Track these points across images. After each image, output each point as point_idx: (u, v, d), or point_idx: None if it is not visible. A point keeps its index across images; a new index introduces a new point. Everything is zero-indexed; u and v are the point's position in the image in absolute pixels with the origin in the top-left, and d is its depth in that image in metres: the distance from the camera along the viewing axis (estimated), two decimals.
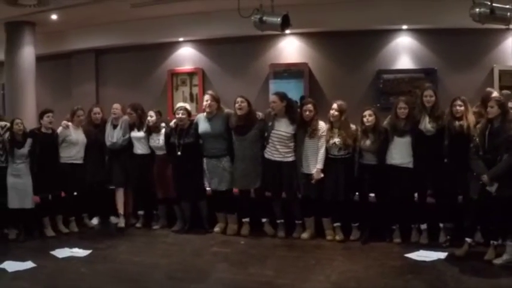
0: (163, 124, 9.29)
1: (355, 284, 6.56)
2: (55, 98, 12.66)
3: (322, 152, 8.30)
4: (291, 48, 11.06)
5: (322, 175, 8.27)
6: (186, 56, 11.91)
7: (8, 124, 9.00)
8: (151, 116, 9.21)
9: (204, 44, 11.70)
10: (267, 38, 10.89)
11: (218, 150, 8.84)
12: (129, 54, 12.48)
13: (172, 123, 9.16)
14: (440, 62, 10.27)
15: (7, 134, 8.90)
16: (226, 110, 8.94)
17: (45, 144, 9.12)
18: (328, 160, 8.32)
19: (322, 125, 8.39)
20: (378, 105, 9.55)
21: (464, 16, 8.24)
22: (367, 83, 10.56)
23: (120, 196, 9.79)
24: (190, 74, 11.78)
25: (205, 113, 8.99)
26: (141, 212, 9.78)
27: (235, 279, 6.88)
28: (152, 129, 9.24)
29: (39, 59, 12.05)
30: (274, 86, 10.65)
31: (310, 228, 8.61)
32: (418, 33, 10.40)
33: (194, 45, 11.82)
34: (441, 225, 8.11)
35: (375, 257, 7.56)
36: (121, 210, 9.78)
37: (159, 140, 9.18)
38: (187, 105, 9.33)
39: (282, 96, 8.60)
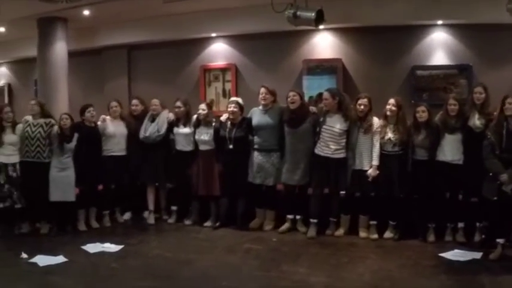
0: (214, 118, 9.32)
1: (389, 283, 6.50)
2: (87, 94, 12.71)
3: (377, 149, 8.30)
4: (324, 44, 10.94)
5: (378, 172, 8.24)
6: (219, 51, 11.85)
7: (52, 120, 9.15)
8: (204, 110, 9.23)
9: (237, 40, 11.63)
10: (300, 34, 10.79)
11: (270, 144, 8.87)
12: (161, 50, 12.45)
13: (223, 117, 9.18)
14: (475, 58, 10.09)
15: (55, 129, 9.05)
16: (281, 105, 8.93)
17: (89, 138, 9.29)
18: (382, 156, 8.29)
19: (376, 121, 8.38)
20: (413, 101, 9.42)
21: (501, 11, 8.12)
22: (401, 79, 10.40)
23: (150, 192, 9.88)
24: (223, 70, 11.72)
25: (260, 106, 9.02)
26: (174, 208, 9.80)
27: (267, 276, 6.87)
28: (203, 123, 9.23)
29: (71, 55, 12.08)
30: (308, 81, 10.60)
31: (344, 225, 8.58)
32: (453, 28, 10.23)
33: (227, 41, 11.75)
34: (477, 224, 8.02)
35: (408, 255, 7.50)
36: (151, 207, 9.87)
37: (207, 133, 9.19)
38: (240, 100, 9.33)
39: (334, 93, 8.58)
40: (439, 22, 10.14)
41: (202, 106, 9.30)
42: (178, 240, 8.74)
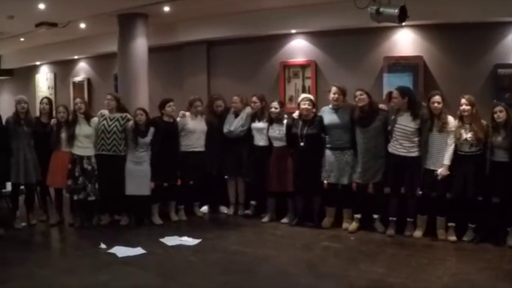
0: (285, 115, 9.35)
1: (468, 287, 6.42)
2: (167, 89, 12.92)
3: (451, 149, 8.14)
4: (405, 41, 10.78)
5: (448, 172, 8.10)
6: (299, 48, 11.84)
7: (128, 115, 9.36)
8: (276, 108, 9.31)
9: (317, 36, 11.59)
10: (380, 30, 10.66)
11: (343, 143, 8.86)
12: (241, 46, 12.56)
13: (295, 114, 9.22)
14: None
15: (130, 123, 9.25)
16: (351, 103, 8.91)
17: (167, 133, 9.46)
18: (458, 157, 8.13)
19: (451, 120, 8.22)
20: (495, 101, 9.23)
21: None
22: (483, 77, 10.10)
23: (232, 186, 10.06)
24: (303, 66, 11.71)
25: (330, 105, 9.04)
26: (253, 202, 9.93)
27: (346, 275, 6.86)
28: (275, 120, 9.31)
29: (151, 50, 12.29)
30: (388, 79, 10.49)
31: (422, 226, 8.46)
32: None
33: (307, 37, 11.73)
34: None
35: (488, 259, 7.36)
36: (232, 199, 10.09)
37: (279, 130, 9.27)
38: (312, 96, 9.35)
39: (404, 91, 8.52)
40: None
41: (275, 104, 9.39)
42: (256, 236, 8.83)
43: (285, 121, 9.31)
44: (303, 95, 9.48)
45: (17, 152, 9.15)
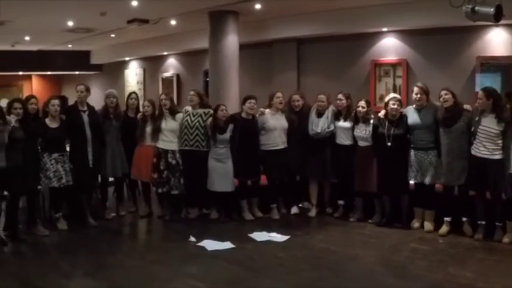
0: (372, 115, 9.29)
1: None
2: (255, 85, 13.07)
3: None
4: (498, 41, 10.54)
5: None
6: (390, 46, 11.80)
7: (211, 111, 9.48)
8: (363, 107, 9.20)
9: (409, 35, 11.51)
10: (473, 29, 10.45)
11: (426, 143, 8.73)
12: (331, 44, 12.60)
13: (381, 114, 9.15)
14: None
15: (209, 120, 9.38)
16: (435, 103, 8.79)
17: (245, 130, 9.49)
18: None
19: None
20: None
21: None
22: None
23: (313, 186, 10.02)
24: (394, 65, 11.67)
25: (414, 105, 8.93)
26: (340, 202, 9.83)
27: (434, 277, 6.81)
28: (362, 120, 9.22)
29: (241, 47, 12.42)
30: (481, 79, 10.32)
31: (511, 232, 8.24)
32: None
33: (398, 36, 11.67)
34: None
35: None
36: (314, 200, 10.02)
37: (365, 130, 9.18)
38: (399, 96, 9.26)
39: (489, 92, 8.27)
40: None
41: (362, 103, 9.27)
42: (344, 235, 8.83)
43: (371, 121, 9.22)
44: (391, 95, 9.41)
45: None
